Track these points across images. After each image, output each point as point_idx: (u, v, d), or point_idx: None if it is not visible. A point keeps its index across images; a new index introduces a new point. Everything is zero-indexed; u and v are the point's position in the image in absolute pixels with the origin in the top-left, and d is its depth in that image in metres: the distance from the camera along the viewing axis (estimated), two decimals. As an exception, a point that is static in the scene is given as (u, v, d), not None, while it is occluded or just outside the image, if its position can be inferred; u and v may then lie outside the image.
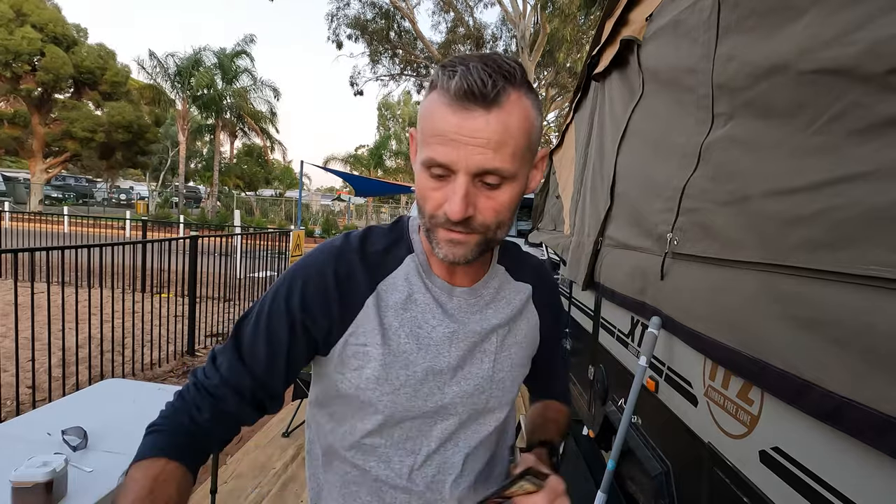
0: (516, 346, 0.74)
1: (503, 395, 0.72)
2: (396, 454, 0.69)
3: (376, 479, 0.69)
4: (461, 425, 0.70)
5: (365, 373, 0.65)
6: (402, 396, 0.66)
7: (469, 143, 0.54)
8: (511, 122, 0.55)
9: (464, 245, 0.60)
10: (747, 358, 0.92)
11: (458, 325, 0.69)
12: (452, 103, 0.55)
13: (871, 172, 0.66)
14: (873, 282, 0.64)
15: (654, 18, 1.61)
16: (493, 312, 0.72)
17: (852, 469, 0.70)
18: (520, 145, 0.57)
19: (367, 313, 0.66)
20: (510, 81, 0.56)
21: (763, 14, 0.96)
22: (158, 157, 30.22)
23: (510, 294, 0.76)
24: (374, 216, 27.76)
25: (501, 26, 16.79)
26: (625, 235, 1.77)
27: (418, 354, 0.66)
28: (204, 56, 21.65)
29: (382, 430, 0.68)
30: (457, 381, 0.69)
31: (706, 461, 1.11)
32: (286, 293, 0.66)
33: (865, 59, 0.67)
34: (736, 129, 1.05)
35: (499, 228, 0.61)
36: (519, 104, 0.56)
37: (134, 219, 11.15)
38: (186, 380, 0.69)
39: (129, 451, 0.58)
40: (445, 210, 0.58)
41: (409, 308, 0.68)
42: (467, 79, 0.53)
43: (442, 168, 0.57)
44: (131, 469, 0.57)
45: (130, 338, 3.87)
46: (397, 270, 0.69)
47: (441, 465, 0.70)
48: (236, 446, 2.82)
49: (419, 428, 0.68)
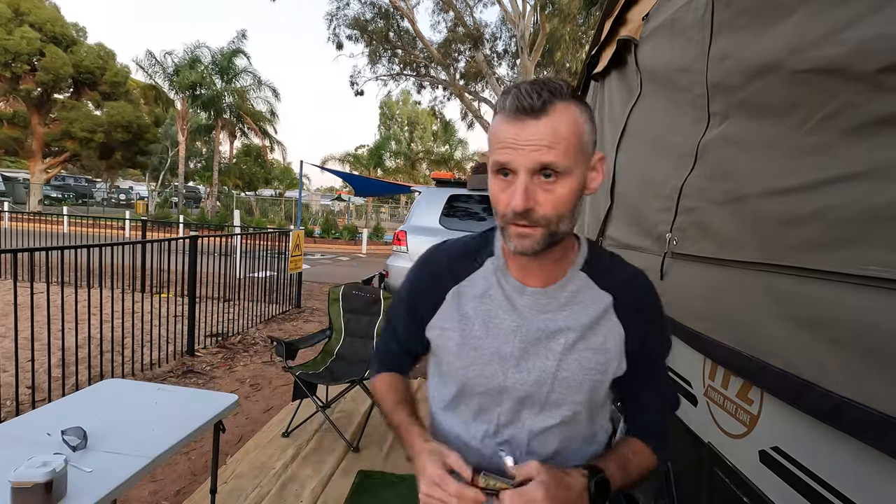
0: (589, 351, 0.78)
1: (568, 393, 0.78)
2: (475, 421, 0.84)
3: (458, 437, 0.85)
4: (525, 410, 0.80)
5: (446, 349, 0.84)
6: (471, 372, 0.81)
7: (525, 146, 0.66)
8: (560, 126, 0.66)
9: (530, 237, 0.70)
10: (747, 358, 0.92)
11: (522, 321, 0.79)
12: (509, 118, 0.68)
13: (866, 172, 0.66)
14: (872, 282, 0.64)
15: (651, 18, 1.61)
16: (566, 315, 0.79)
17: (852, 468, 0.70)
18: (571, 144, 0.67)
19: (449, 303, 0.84)
20: (556, 95, 0.67)
21: (755, 12, 0.96)
22: (158, 157, 30.19)
23: (588, 301, 0.80)
24: (373, 216, 27.75)
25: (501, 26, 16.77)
26: (624, 235, 1.77)
27: (486, 340, 0.80)
28: (200, 53, 21.61)
29: (461, 399, 0.84)
30: (519, 369, 0.79)
31: (706, 461, 1.11)
32: (404, 283, 0.93)
33: (856, 57, 0.67)
34: (731, 128, 1.05)
35: (560, 221, 0.70)
36: (566, 112, 0.67)
37: (133, 219, 11.14)
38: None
39: (129, 451, 0.58)
40: (511, 205, 0.68)
41: (485, 301, 0.82)
42: (518, 97, 0.66)
43: (505, 169, 0.69)
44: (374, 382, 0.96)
45: (130, 338, 3.87)
46: (479, 270, 0.84)
47: (510, 438, 0.81)
48: (236, 446, 2.82)
49: (488, 403, 0.82)
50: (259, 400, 3.56)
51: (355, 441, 2.88)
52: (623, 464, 0.78)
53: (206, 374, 3.94)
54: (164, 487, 2.41)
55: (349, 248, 17.29)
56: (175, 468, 2.58)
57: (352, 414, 3.33)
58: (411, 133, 33.28)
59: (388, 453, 2.82)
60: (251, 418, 3.23)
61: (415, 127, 33.12)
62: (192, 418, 1.65)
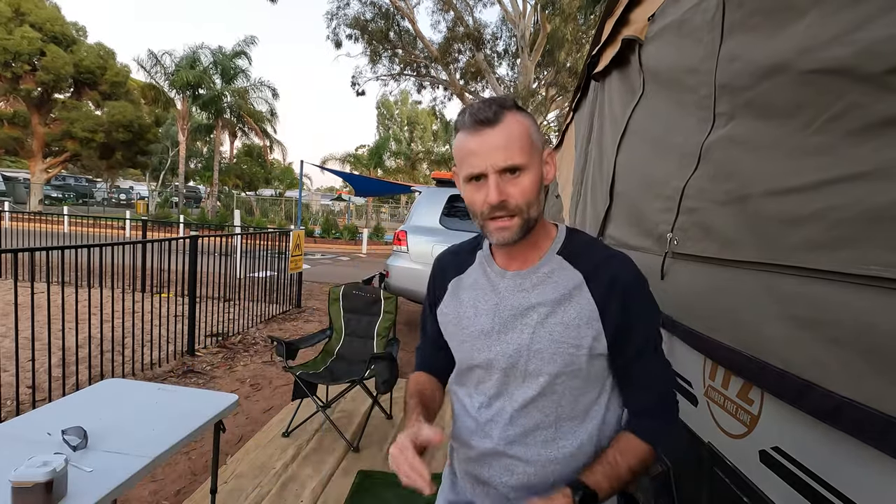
0: (560, 325, 0.85)
1: (542, 363, 0.86)
2: (475, 392, 0.95)
3: (464, 408, 0.97)
4: (511, 382, 0.90)
5: (448, 331, 1.00)
6: (466, 347, 0.94)
7: (488, 152, 0.80)
8: (512, 131, 0.81)
9: (509, 228, 0.82)
10: (747, 358, 0.92)
11: (500, 300, 0.91)
12: (470, 131, 0.82)
13: (870, 172, 0.66)
14: (873, 282, 0.64)
15: (657, 18, 1.60)
16: (538, 293, 0.88)
17: (852, 468, 0.70)
18: (524, 144, 0.81)
19: (449, 292, 1.00)
20: (504, 107, 0.81)
21: (767, 13, 0.96)
22: (158, 156, 30.19)
23: (560, 279, 0.88)
24: (374, 216, 27.74)
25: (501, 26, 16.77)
26: (625, 235, 1.77)
27: (475, 319, 0.93)
28: (201, 54, 21.60)
29: (465, 373, 0.97)
30: (500, 342, 0.89)
31: (706, 461, 1.11)
32: (428, 281, 1.09)
33: (864, 58, 0.67)
34: (737, 128, 1.05)
35: (530, 208, 0.83)
36: (515, 119, 0.82)
37: (134, 219, 11.14)
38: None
39: (130, 451, 0.59)
40: (487, 201, 0.81)
41: (475, 288, 0.96)
42: (474, 113, 0.81)
43: (476, 175, 0.82)
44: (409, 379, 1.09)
45: (130, 338, 3.87)
46: (473, 264, 0.99)
47: (499, 410, 0.91)
48: (236, 446, 2.82)
49: (482, 376, 0.93)
50: (259, 400, 3.56)
51: (355, 441, 2.88)
52: (610, 470, 0.81)
53: (206, 374, 3.94)
54: (165, 487, 2.41)
55: (349, 248, 17.29)
56: (175, 468, 2.58)
57: (352, 414, 3.33)
58: (411, 133, 33.29)
59: (387, 453, 2.82)
60: (251, 418, 3.23)
61: (415, 127, 33.13)
62: (193, 418, 1.65)
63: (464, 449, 0.96)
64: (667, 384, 0.91)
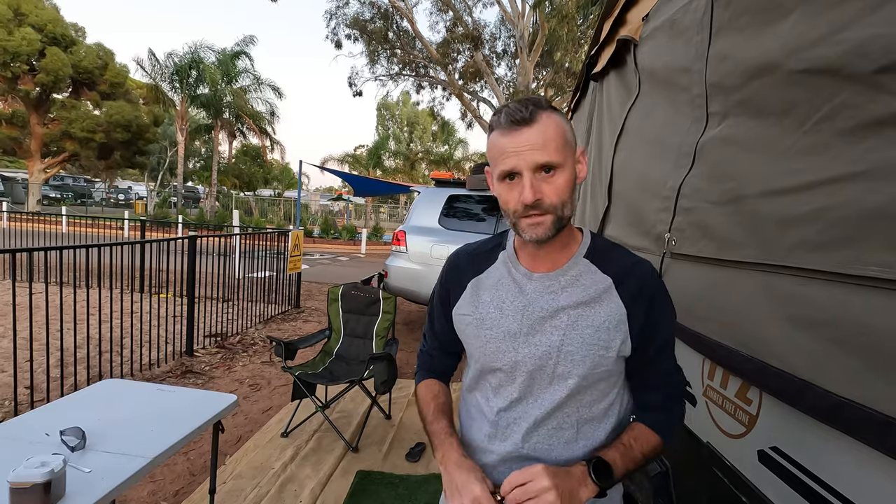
0: (591, 328, 0.86)
1: (572, 366, 0.86)
2: (494, 396, 0.93)
3: (481, 412, 0.95)
4: (535, 383, 0.89)
5: (467, 332, 0.96)
6: (489, 349, 0.91)
7: (524, 150, 0.80)
8: (548, 130, 0.80)
9: (542, 225, 0.82)
10: (746, 358, 0.92)
11: (528, 302, 0.89)
12: (506, 130, 0.82)
13: (864, 172, 0.66)
14: (871, 282, 0.64)
15: (650, 18, 1.61)
16: (567, 295, 0.88)
17: (851, 468, 0.70)
18: (559, 143, 0.81)
19: (469, 292, 0.97)
20: (539, 107, 0.82)
21: (755, 13, 0.96)
22: (157, 156, 30.12)
23: (589, 283, 0.88)
24: (373, 216, 27.72)
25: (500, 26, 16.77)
26: (623, 235, 1.77)
27: (500, 321, 0.91)
28: (202, 54, 21.57)
29: (483, 376, 0.95)
30: (528, 345, 0.88)
31: (705, 461, 1.11)
32: (437, 283, 1.05)
33: (853, 58, 0.67)
34: (730, 128, 1.05)
35: (564, 206, 0.83)
36: (550, 119, 0.82)
37: (132, 219, 11.11)
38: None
39: (128, 451, 0.58)
40: (521, 199, 0.81)
41: (498, 288, 0.94)
42: (510, 112, 0.81)
43: (511, 173, 0.82)
44: (418, 388, 1.06)
45: (129, 338, 3.86)
46: (494, 264, 0.97)
47: (522, 413, 0.90)
48: (235, 446, 2.82)
49: (505, 379, 0.91)
50: (258, 400, 3.55)
51: (354, 441, 2.88)
52: (624, 451, 0.84)
53: (205, 375, 3.94)
54: (163, 488, 2.41)
55: (348, 249, 17.28)
56: (174, 468, 2.58)
57: (351, 414, 3.33)
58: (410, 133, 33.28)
59: (386, 453, 2.82)
60: (250, 418, 3.23)
61: (414, 127, 33.11)
62: (191, 418, 1.65)
63: (478, 454, 0.95)
64: (679, 385, 0.94)
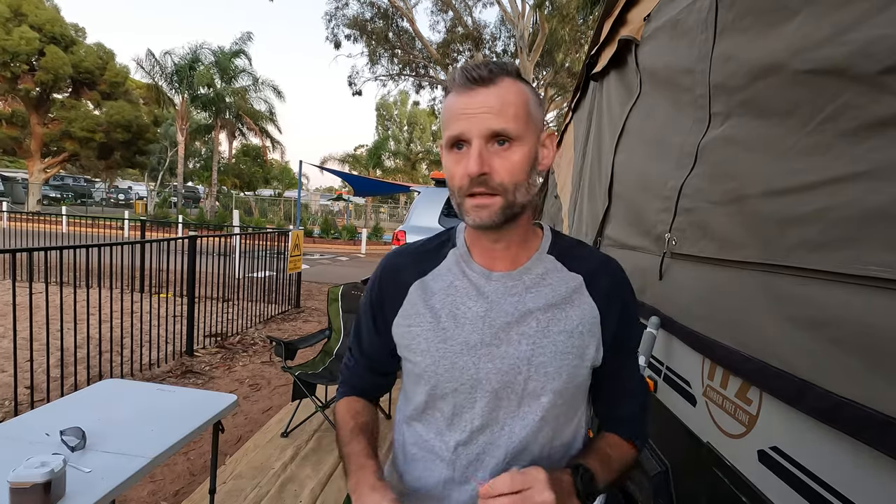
0: (564, 333, 0.74)
1: (546, 380, 0.73)
2: (448, 429, 0.77)
3: (430, 451, 0.79)
4: (502, 407, 0.74)
5: (413, 347, 0.78)
6: (441, 367, 0.75)
7: (476, 114, 0.67)
8: (508, 95, 0.68)
9: (488, 208, 0.69)
10: (746, 358, 0.92)
11: (490, 305, 0.76)
12: (459, 90, 0.69)
13: (866, 172, 0.66)
14: (872, 282, 0.64)
15: (652, 18, 1.61)
16: (533, 297, 0.76)
17: (851, 468, 0.70)
18: (520, 111, 0.68)
19: (413, 298, 0.80)
20: (504, 70, 0.69)
21: (759, 13, 0.96)
22: (157, 156, 30.13)
23: (557, 282, 0.77)
24: (373, 216, 27.72)
25: (500, 26, 16.79)
26: (623, 235, 1.77)
27: (455, 331, 0.76)
28: (201, 54, 21.58)
29: (433, 403, 0.78)
30: (491, 357, 0.74)
31: (705, 461, 1.11)
32: (367, 291, 0.88)
33: (858, 59, 0.67)
34: (732, 128, 1.05)
35: (516, 189, 0.69)
36: (514, 85, 0.69)
37: (132, 219, 11.12)
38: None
39: (128, 451, 0.58)
40: (466, 172, 0.68)
41: (450, 293, 0.78)
42: (467, 70, 0.69)
43: (460, 140, 0.69)
44: (337, 406, 0.89)
45: (129, 338, 3.86)
46: (443, 263, 0.82)
47: (486, 446, 0.75)
48: (235, 446, 2.82)
49: (462, 404, 0.75)
50: (258, 400, 3.55)
51: (354, 441, 2.87)
52: (604, 459, 0.75)
53: (205, 375, 3.94)
54: (163, 488, 2.41)
55: (348, 248, 17.28)
56: (174, 468, 2.58)
57: (351, 414, 3.33)
58: (410, 133, 33.27)
59: (386, 454, 2.82)
60: (250, 418, 3.23)
61: (414, 127, 33.11)
62: (191, 418, 1.65)
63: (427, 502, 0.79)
64: (644, 393, 0.87)
